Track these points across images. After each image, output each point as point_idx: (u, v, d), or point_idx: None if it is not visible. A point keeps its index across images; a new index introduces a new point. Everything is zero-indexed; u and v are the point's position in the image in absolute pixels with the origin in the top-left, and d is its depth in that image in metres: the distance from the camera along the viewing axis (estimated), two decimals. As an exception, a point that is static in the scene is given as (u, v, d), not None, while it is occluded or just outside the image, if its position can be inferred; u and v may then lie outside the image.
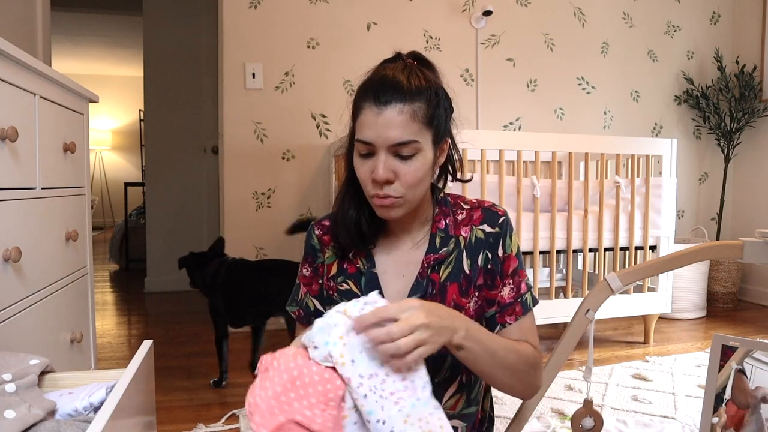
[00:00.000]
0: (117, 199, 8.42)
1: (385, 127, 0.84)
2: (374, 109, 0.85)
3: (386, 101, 0.84)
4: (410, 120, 0.85)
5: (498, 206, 1.00)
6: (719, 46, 3.64)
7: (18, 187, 1.17)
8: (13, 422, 0.64)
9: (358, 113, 0.88)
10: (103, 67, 8.02)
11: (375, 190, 0.88)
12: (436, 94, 0.89)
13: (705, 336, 2.73)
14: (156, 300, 3.63)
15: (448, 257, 0.96)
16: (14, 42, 1.19)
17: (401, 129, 0.84)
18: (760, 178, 3.48)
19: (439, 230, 0.97)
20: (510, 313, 0.96)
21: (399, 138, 0.85)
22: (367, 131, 0.86)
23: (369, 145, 0.86)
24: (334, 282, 1.00)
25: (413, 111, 0.85)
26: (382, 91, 0.85)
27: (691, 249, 1.16)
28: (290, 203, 2.91)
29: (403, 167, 0.87)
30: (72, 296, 1.52)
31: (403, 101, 0.85)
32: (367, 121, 0.86)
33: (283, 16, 2.86)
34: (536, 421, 1.72)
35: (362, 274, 0.97)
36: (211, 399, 1.96)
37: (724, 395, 1.13)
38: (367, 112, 0.86)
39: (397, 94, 0.85)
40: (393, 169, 0.86)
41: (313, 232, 1.04)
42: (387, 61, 0.95)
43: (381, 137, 0.85)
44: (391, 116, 0.84)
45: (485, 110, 3.19)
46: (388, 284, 0.97)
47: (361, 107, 0.87)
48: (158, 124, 3.89)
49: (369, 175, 0.88)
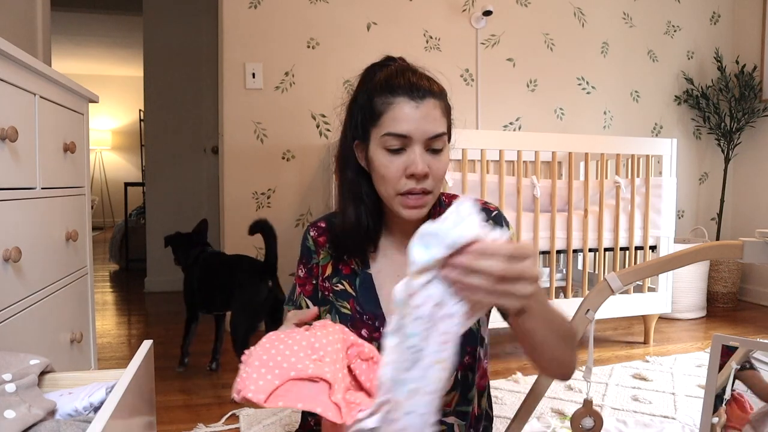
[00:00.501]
0: (117, 199, 8.43)
1: (423, 120, 0.86)
2: (411, 102, 0.86)
3: (423, 95, 0.87)
4: (442, 114, 0.89)
5: (489, 203, 1.02)
6: (719, 46, 3.64)
7: (18, 187, 1.17)
8: (13, 422, 0.64)
9: (386, 108, 0.88)
10: (103, 67, 8.02)
11: (410, 185, 0.88)
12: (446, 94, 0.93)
13: (705, 336, 2.73)
14: (156, 300, 3.63)
15: None
16: (14, 42, 1.19)
17: (437, 122, 0.88)
18: (760, 178, 3.48)
19: None
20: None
21: (436, 130, 0.87)
22: (404, 124, 0.86)
23: (404, 139, 0.87)
24: (329, 283, 1.00)
25: (444, 106, 0.90)
26: (416, 85, 0.87)
27: (691, 249, 1.16)
28: (290, 203, 2.91)
29: (435, 161, 0.89)
30: (72, 296, 1.52)
31: (434, 96, 0.88)
32: (403, 114, 0.86)
33: (283, 16, 2.86)
34: (536, 421, 1.72)
35: (356, 275, 0.98)
36: (211, 399, 1.96)
37: (724, 395, 1.13)
38: (402, 106, 0.87)
39: (429, 90, 0.88)
40: (428, 163, 0.88)
41: (309, 233, 1.04)
42: (377, 64, 0.96)
43: (420, 130, 0.86)
44: (428, 109, 0.87)
45: (485, 110, 3.19)
46: (382, 285, 0.97)
47: (392, 102, 0.87)
48: (158, 124, 3.89)
49: (401, 170, 0.88)
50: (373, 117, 0.89)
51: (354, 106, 0.96)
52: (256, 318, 1.95)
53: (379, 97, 0.89)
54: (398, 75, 0.89)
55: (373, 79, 0.92)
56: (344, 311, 0.97)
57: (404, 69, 0.91)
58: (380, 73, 0.92)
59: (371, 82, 0.92)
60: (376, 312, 0.95)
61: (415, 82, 0.88)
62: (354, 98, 0.97)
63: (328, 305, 1.00)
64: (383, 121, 0.88)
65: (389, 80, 0.89)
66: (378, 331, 0.95)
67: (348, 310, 0.97)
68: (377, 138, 0.89)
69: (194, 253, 2.21)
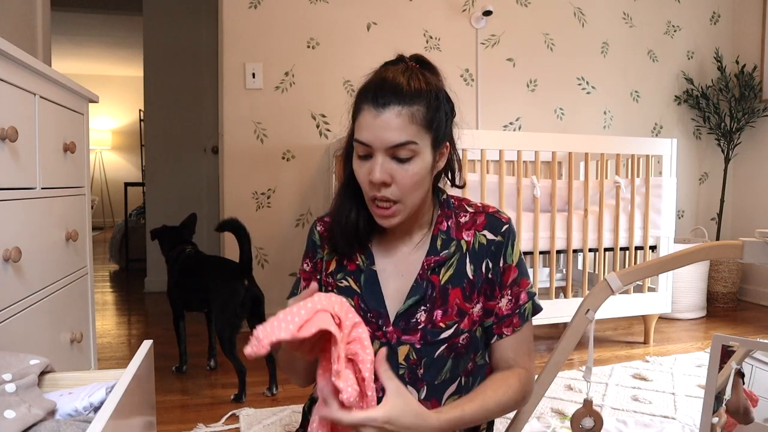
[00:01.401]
0: (117, 199, 8.43)
1: (382, 128, 0.84)
2: (372, 111, 0.85)
3: (384, 103, 0.84)
4: (408, 122, 0.85)
5: (502, 213, 1.00)
6: (719, 46, 3.64)
7: (18, 187, 1.17)
8: (13, 422, 0.64)
9: (357, 114, 0.88)
10: (103, 67, 8.02)
11: (372, 192, 0.88)
12: (436, 98, 0.89)
13: (705, 336, 2.73)
14: (156, 300, 3.63)
15: (449, 260, 0.95)
16: (14, 42, 1.19)
17: (398, 131, 0.84)
18: (760, 178, 3.48)
19: (441, 232, 0.97)
20: (507, 325, 0.97)
21: (395, 140, 0.85)
22: (365, 132, 0.86)
23: (367, 147, 0.86)
24: (333, 278, 1.00)
25: (411, 113, 0.85)
26: (381, 93, 0.85)
27: (691, 249, 1.16)
28: (290, 203, 2.91)
29: (400, 171, 0.86)
30: (72, 296, 1.52)
31: (402, 104, 0.85)
32: (366, 122, 0.86)
33: (283, 16, 2.86)
34: (536, 421, 1.72)
35: (362, 271, 0.97)
36: (211, 399, 1.96)
37: (724, 395, 1.13)
38: (365, 114, 0.86)
39: (396, 97, 0.85)
40: (390, 172, 0.86)
41: (316, 227, 1.04)
42: (389, 63, 0.94)
43: (378, 139, 0.85)
44: (389, 118, 0.84)
45: (485, 110, 3.19)
46: (387, 283, 0.97)
47: (360, 108, 0.87)
48: (158, 124, 3.89)
49: (367, 176, 0.88)
50: (353, 121, 0.90)
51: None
52: (237, 317, 1.96)
53: (357, 102, 0.89)
54: (372, 81, 0.88)
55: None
56: None
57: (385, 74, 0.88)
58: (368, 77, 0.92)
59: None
60: (380, 310, 0.95)
61: (381, 89, 0.85)
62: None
63: None
64: (355, 126, 0.89)
65: (365, 86, 0.89)
66: (381, 329, 0.95)
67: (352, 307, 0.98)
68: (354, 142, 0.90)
69: (174, 254, 2.23)
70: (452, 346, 0.93)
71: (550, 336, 2.74)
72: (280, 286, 2.84)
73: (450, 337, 0.93)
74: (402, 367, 0.94)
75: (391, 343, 0.94)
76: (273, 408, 1.85)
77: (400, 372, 0.94)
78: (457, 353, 0.94)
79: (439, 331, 0.93)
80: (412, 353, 0.93)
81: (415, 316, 0.93)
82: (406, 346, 0.93)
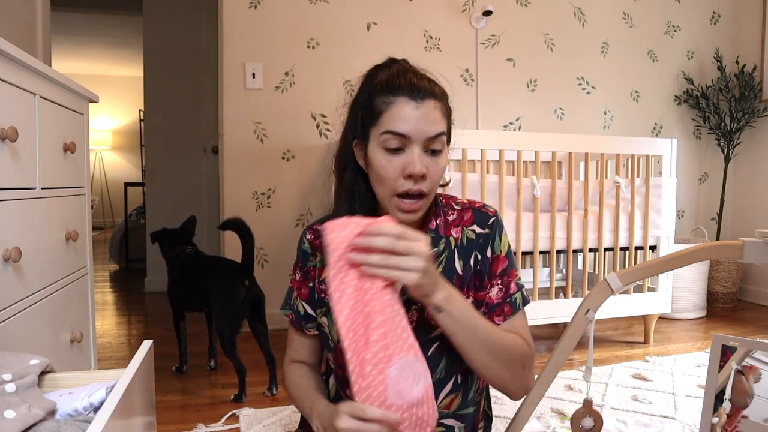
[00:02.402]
0: (117, 199, 8.43)
1: (423, 120, 0.86)
2: (412, 102, 0.87)
3: (423, 96, 0.87)
4: (442, 116, 0.89)
5: (489, 206, 1.01)
6: (719, 46, 3.64)
7: (18, 187, 1.17)
8: (13, 422, 0.64)
9: (386, 107, 0.88)
10: (103, 67, 8.02)
11: (407, 186, 0.88)
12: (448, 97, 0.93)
13: (705, 336, 2.73)
14: (156, 300, 3.63)
15: (439, 257, 0.96)
16: (14, 42, 1.19)
17: (436, 123, 0.88)
18: (760, 178, 3.48)
19: (430, 231, 0.97)
20: (498, 314, 0.96)
21: (435, 130, 0.87)
22: (403, 124, 0.86)
23: (403, 138, 0.87)
24: (326, 285, 1.00)
25: (443, 107, 0.90)
26: (417, 86, 0.87)
27: (691, 249, 1.16)
28: (290, 203, 2.91)
29: (433, 163, 0.89)
30: (72, 296, 1.52)
31: (435, 98, 0.89)
32: (403, 114, 0.87)
33: (283, 16, 2.86)
34: (536, 421, 1.72)
35: None
36: (211, 399, 1.96)
37: (724, 395, 1.13)
38: (402, 106, 0.87)
39: (430, 91, 0.88)
40: (426, 165, 0.88)
41: (305, 236, 1.03)
42: (379, 65, 0.95)
43: (419, 130, 0.86)
44: (428, 110, 0.87)
45: (485, 110, 3.19)
46: None
47: (391, 101, 0.87)
48: (158, 124, 3.89)
49: (399, 170, 0.88)
50: (373, 116, 0.89)
51: (355, 105, 0.95)
52: (238, 318, 1.96)
53: (380, 96, 0.89)
54: (399, 75, 0.90)
55: (375, 80, 0.92)
56: None
57: (406, 70, 0.91)
58: (382, 74, 0.92)
59: (372, 83, 0.92)
60: None
61: (416, 82, 0.88)
62: (356, 98, 0.96)
63: (324, 307, 0.99)
64: (383, 119, 0.88)
65: (390, 80, 0.89)
66: None
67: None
68: (376, 137, 0.89)
69: (174, 254, 2.23)
70: (445, 343, 0.93)
71: (550, 336, 2.74)
72: (280, 286, 2.84)
73: (442, 335, 0.93)
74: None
75: None
76: (273, 408, 1.85)
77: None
78: (451, 351, 0.94)
79: (431, 329, 0.93)
80: None
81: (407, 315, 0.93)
82: None
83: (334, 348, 0.98)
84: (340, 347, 0.96)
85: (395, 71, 0.91)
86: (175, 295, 2.21)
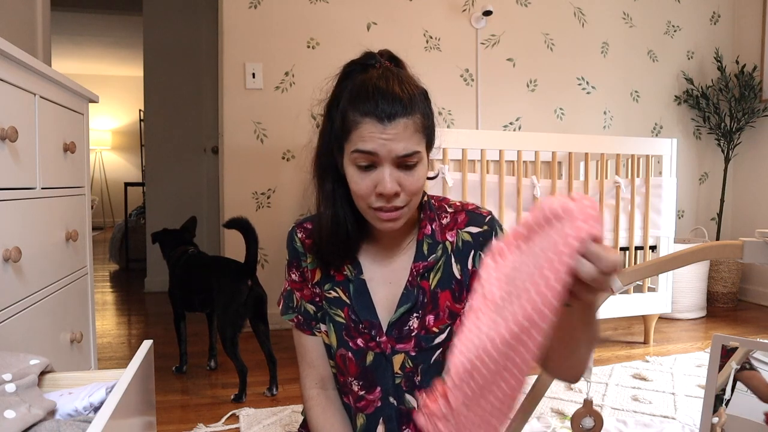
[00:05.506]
0: (117, 199, 8.42)
1: (390, 141, 0.82)
2: (378, 125, 0.82)
3: (390, 116, 0.82)
4: (413, 132, 0.84)
5: (482, 208, 0.98)
6: (719, 46, 3.64)
7: (18, 187, 1.17)
8: (13, 422, 0.64)
9: (354, 126, 0.84)
10: (103, 67, 8.02)
11: (380, 203, 0.85)
12: (424, 99, 0.88)
13: (705, 336, 2.73)
14: (156, 300, 3.63)
15: (437, 264, 0.94)
16: (14, 42, 1.19)
17: (406, 142, 0.83)
18: (760, 178, 3.48)
19: (426, 236, 0.95)
20: None
21: (405, 150, 0.83)
22: (370, 143, 0.83)
23: (372, 156, 0.83)
24: (320, 289, 0.98)
25: (414, 123, 0.84)
26: (383, 105, 0.82)
27: (691, 249, 1.16)
28: (290, 203, 2.91)
29: (408, 178, 0.85)
30: (72, 296, 1.52)
31: (405, 115, 0.83)
32: (370, 135, 0.83)
33: (283, 16, 2.86)
34: (536, 421, 1.72)
35: (350, 281, 0.95)
36: (211, 399, 1.96)
37: (724, 395, 1.13)
38: (369, 127, 0.83)
39: (400, 109, 0.83)
40: (398, 181, 0.84)
41: (296, 234, 1.01)
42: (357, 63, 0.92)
43: (386, 149, 0.82)
44: (397, 131, 0.82)
45: (485, 110, 3.19)
46: (376, 291, 0.95)
47: (359, 121, 0.83)
48: (158, 124, 3.89)
49: (371, 188, 0.85)
50: (345, 130, 0.86)
51: (331, 109, 0.92)
52: (240, 318, 1.96)
53: (350, 110, 0.85)
54: (369, 93, 0.84)
55: (349, 84, 0.89)
56: (338, 320, 0.95)
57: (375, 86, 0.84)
58: (357, 78, 0.89)
59: (347, 88, 0.89)
60: (372, 320, 0.93)
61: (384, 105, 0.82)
62: (331, 101, 0.93)
63: (321, 311, 0.98)
64: (352, 137, 0.85)
65: (360, 97, 0.85)
66: (374, 340, 0.93)
67: (342, 318, 0.95)
68: (348, 153, 0.86)
69: (175, 254, 2.23)
70: (447, 349, 0.92)
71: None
72: (281, 286, 2.82)
73: (444, 341, 0.92)
74: (398, 376, 0.93)
75: (385, 353, 0.93)
76: (273, 408, 1.85)
77: (396, 381, 0.93)
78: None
79: (433, 336, 0.92)
80: (407, 361, 0.92)
81: (407, 323, 0.92)
82: (401, 354, 0.92)
83: (333, 355, 0.97)
84: (339, 353, 0.96)
85: (366, 82, 0.86)
86: (176, 296, 2.20)
